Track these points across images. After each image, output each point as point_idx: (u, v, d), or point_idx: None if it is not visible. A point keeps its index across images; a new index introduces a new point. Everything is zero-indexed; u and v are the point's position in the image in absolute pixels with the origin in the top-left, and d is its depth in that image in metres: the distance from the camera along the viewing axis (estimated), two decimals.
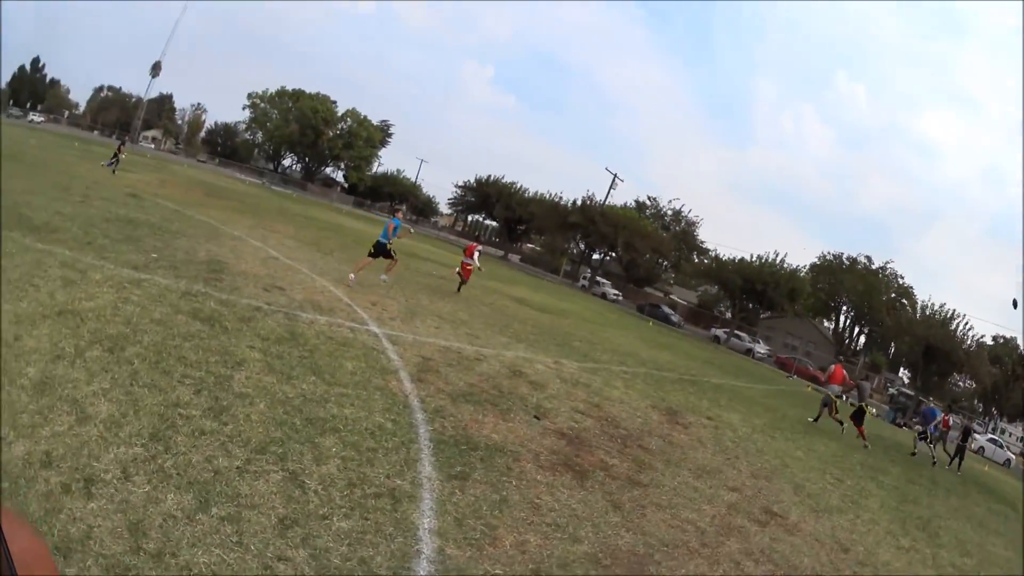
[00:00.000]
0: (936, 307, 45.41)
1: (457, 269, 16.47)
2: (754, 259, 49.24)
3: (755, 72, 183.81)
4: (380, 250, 12.36)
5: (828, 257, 62.35)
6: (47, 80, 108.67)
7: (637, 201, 72.08)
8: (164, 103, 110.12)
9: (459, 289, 15.98)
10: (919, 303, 49.23)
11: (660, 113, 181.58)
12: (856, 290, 57.18)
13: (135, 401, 4.05)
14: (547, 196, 69.54)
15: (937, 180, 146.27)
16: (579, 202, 60.47)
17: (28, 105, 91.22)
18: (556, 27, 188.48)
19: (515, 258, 76.04)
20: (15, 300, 5.31)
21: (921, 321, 44.54)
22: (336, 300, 9.41)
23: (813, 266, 60.47)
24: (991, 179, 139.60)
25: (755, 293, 48.36)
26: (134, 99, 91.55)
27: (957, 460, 16.73)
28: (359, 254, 17.42)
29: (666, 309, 49.92)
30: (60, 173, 18.16)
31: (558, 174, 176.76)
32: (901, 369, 57.72)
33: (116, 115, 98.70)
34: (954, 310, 43.71)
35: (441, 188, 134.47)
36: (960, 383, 50.06)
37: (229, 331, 6.07)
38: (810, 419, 14.48)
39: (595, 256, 62.19)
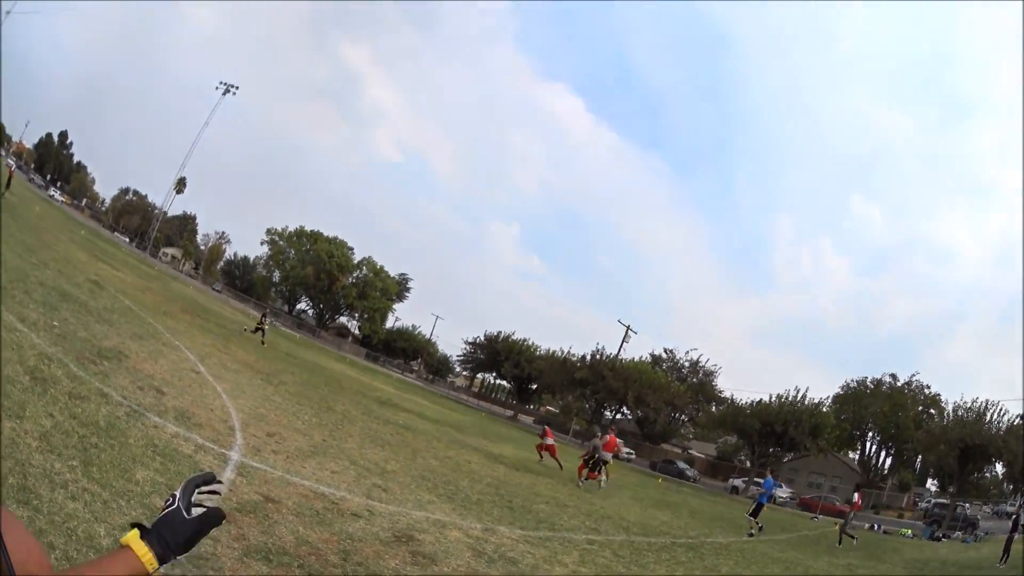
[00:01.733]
0: (968, 404, 47.22)
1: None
2: (772, 400, 51.41)
3: (774, 210, 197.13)
4: None
5: (851, 384, 64.40)
6: (73, 160, 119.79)
7: (652, 354, 75.22)
8: (187, 223, 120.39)
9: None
10: (950, 405, 51.54)
11: (680, 266, 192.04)
12: (882, 413, 58.81)
13: None
14: (557, 353, 72.17)
15: (955, 281, 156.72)
16: (587, 357, 62.99)
17: (49, 178, 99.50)
18: (581, 183, 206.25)
19: (527, 419, 75.73)
20: None
21: (954, 425, 46.16)
22: (220, 421, 9.19)
23: (836, 397, 62.82)
24: (1003, 264, 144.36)
25: (775, 435, 49.87)
26: (157, 210, 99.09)
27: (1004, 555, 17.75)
28: (322, 394, 18.46)
29: (681, 464, 52.24)
30: (39, 240, 20.04)
31: (576, 330, 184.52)
32: (928, 481, 62.05)
33: (138, 222, 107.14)
34: (987, 401, 45.30)
35: (457, 347, 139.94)
36: (988, 472, 50.85)
37: (47, 395, 6.31)
38: None
39: (606, 414, 64.19)
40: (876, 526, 32.76)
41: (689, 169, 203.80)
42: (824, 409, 53.04)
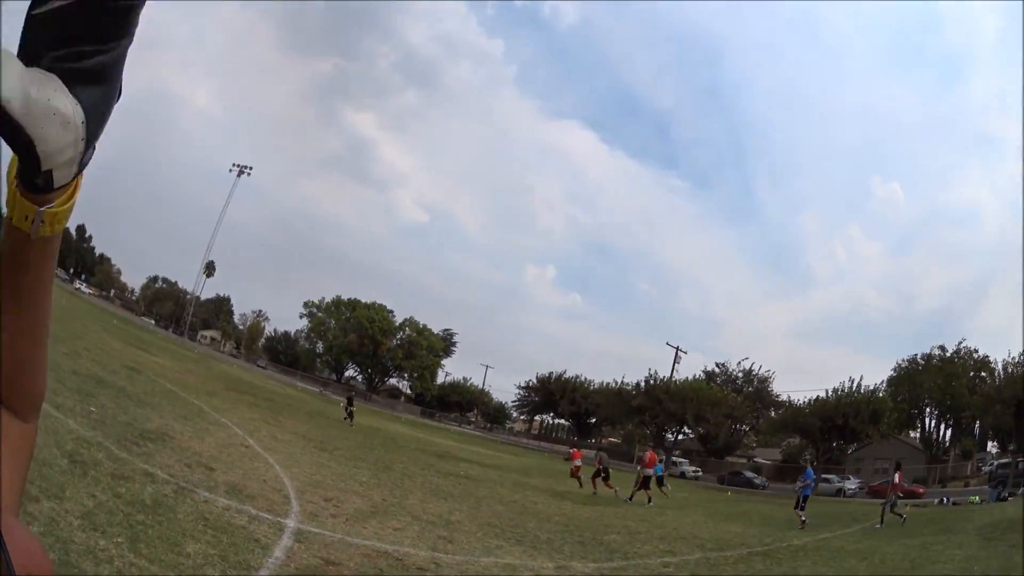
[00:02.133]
0: (1016, 359, 49.25)
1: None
2: (829, 395, 52.16)
3: (799, 208, 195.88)
4: None
5: (903, 365, 65.01)
6: (95, 253, 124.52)
7: (705, 371, 76.32)
8: (222, 305, 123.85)
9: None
10: (999, 364, 53.29)
11: (718, 279, 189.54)
12: (936, 386, 59.37)
13: None
14: (611, 384, 74.06)
15: (981, 243, 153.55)
16: (642, 384, 65.06)
17: (72, 271, 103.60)
18: (606, 216, 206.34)
19: (590, 453, 75.62)
20: None
21: (1007, 383, 47.55)
22: (274, 491, 9.12)
23: (890, 380, 63.38)
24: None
25: (836, 429, 50.43)
26: (189, 295, 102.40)
27: None
28: (379, 455, 18.68)
29: (748, 474, 53.26)
30: (67, 330, 20.41)
31: (627, 359, 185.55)
32: (988, 444, 61.52)
33: (171, 308, 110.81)
34: None
35: (511, 393, 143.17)
36: None
37: (87, 476, 6.33)
38: None
39: (668, 436, 65.39)
40: (944, 499, 32.51)
41: (708, 182, 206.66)
42: (880, 394, 53.68)
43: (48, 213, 0.75)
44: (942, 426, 64.02)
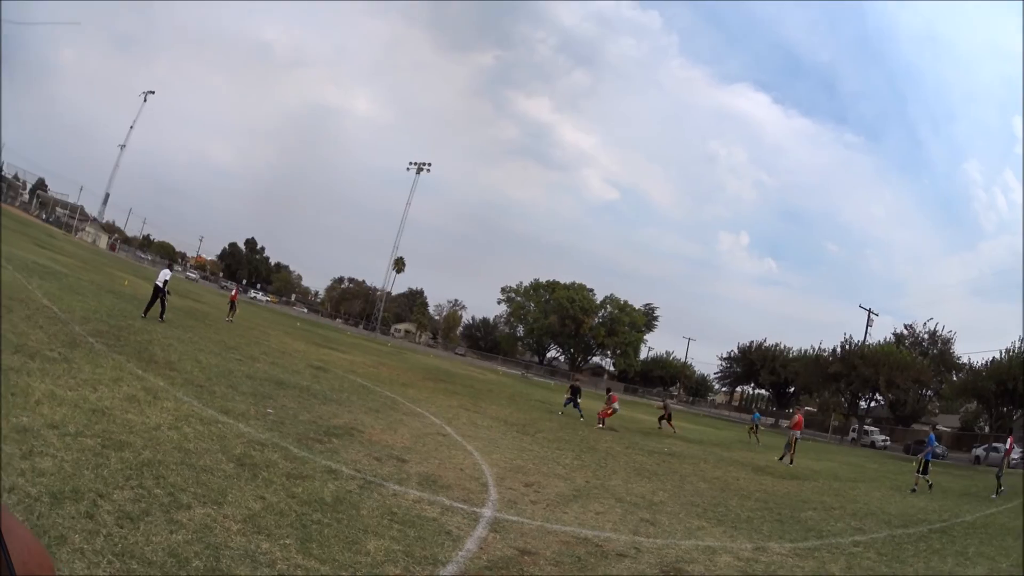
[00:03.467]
0: None
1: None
2: (1003, 356, 51.75)
3: (962, 157, 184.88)
4: None
5: None
6: (270, 263, 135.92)
7: (895, 334, 76.77)
8: (415, 298, 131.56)
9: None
10: None
11: (900, 236, 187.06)
12: None
13: (72, 472, 5.15)
14: (809, 351, 76.91)
15: None
16: (838, 349, 67.21)
17: (245, 281, 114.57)
18: (790, 177, 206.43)
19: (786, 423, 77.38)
20: (65, 387, 7.76)
21: None
22: (472, 479, 9.26)
23: None
24: None
25: (1008, 394, 49.94)
26: (379, 292, 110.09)
27: None
28: (583, 436, 19.21)
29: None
30: (240, 337, 22.42)
31: (823, 324, 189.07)
32: None
33: (360, 306, 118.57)
34: None
35: (712, 365, 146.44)
36: None
37: (256, 479, 6.56)
38: None
39: (861, 404, 68.29)
40: None
41: (878, 135, 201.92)
42: None
43: None
44: None
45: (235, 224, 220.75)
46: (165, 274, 21.22)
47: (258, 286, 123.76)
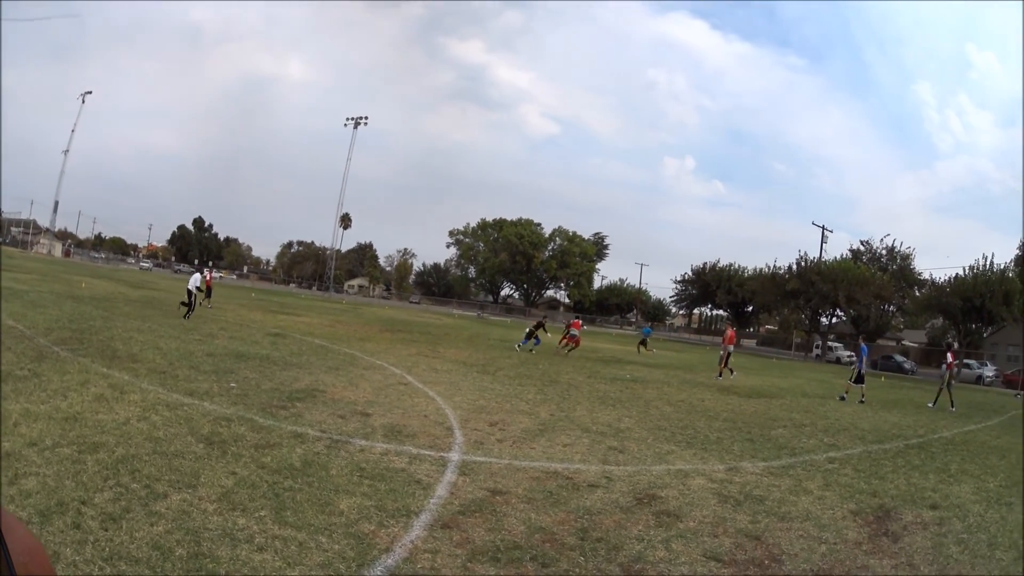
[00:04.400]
0: None
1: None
2: (967, 273, 52.84)
3: (911, 79, 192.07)
4: None
5: None
6: (220, 238, 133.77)
7: (852, 250, 77.92)
8: (365, 252, 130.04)
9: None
10: None
11: (851, 155, 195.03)
12: None
13: (55, 485, 5.08)
14: (764, 270, 76.53)
15: None
16: (794, 267, 67.52)
17: (197, 261, 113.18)
18: (733, 100, 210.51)
19: (751, 343, 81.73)
20: (37, 402, 7.57)
21: None
22: (436, 424, 9.30)
23: (1017, 259, 61.61)
24: None
25: (975, 310, 51.15)
26: (328, 251, 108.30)
27: None
28: (544, 369, 19.20)
29: (898, 358, 55.66)
30: (197, 317, 22.17)
31: (776, 243, 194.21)
32: None
33: (312, 268, 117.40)
34: None
35: (668, 289, 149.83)
36: None
37: (226, 455, 6.50)
38: None
39: (823, 320, 69.64)
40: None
41: (823, 57, 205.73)
42: (1009, 275, 53.26)
43: None
44: None
45: (182, 207, 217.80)
46: (196, 279, 23.73)
47: (210, 264, 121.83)
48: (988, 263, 51.84)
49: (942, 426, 16.37)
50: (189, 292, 23.08)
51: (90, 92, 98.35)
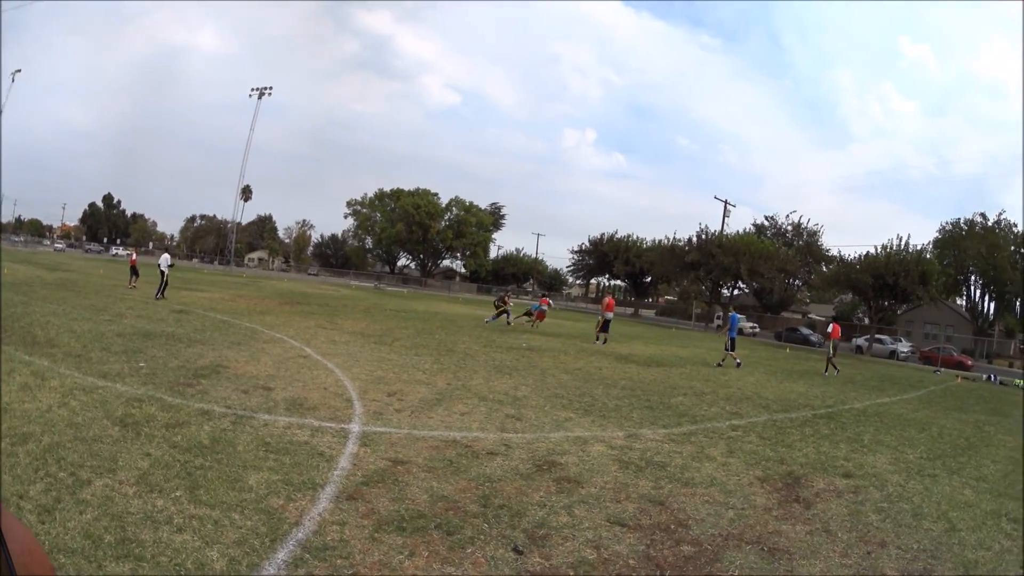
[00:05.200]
0: None
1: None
2: (879, 251, 51.79)
3: (831, 65, 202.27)
4: None
5: (947, 227, 65.85)
6: (127, 215, 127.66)
7: (755, 224, 77.71)
8: (264, 224, 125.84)
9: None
10: None
11: (759, 133, 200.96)
12: (980, 254, 60.40)
13: None
14: (664, 242, 74.49)
15: (1014, 117, 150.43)
16: (694, 239, 65.34)
17: (106, 239, 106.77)
18: (639, 76, 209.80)
19: (649, 313, 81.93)
20: None
21: None
22: (336, 397, 9.31)
23: (935, 241, 64.22)
24: None
25: (888, 288, 50.48)
26: (229, 224, 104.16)
27: None
28: (440, 339, 19.10)
29: (804, 330, 54.57)
30: (107, 297, 21.39)
31: (676, 216, 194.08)
32: None
33: (214, 241, 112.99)
34: None
35: (565, 259, 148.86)
36: None
37: (141, 436, 6.35)
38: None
39: (724, 292, 67.57)
40: (992, 377, 31.87)
41: (738, 38, 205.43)
42: (927, 255, 53.18)
43: None
44: (986, 297, 65.26)
45: (94, 184, 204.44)
46: (165, 259, 25.55)
47: (118, 242, 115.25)
48: (904, 244, 51.49)
49: (852, 398, 16.24)
50: (162, 272, 24.47)
51: (19, 71, 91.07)
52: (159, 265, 25.56)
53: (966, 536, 6.07)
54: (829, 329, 24.47)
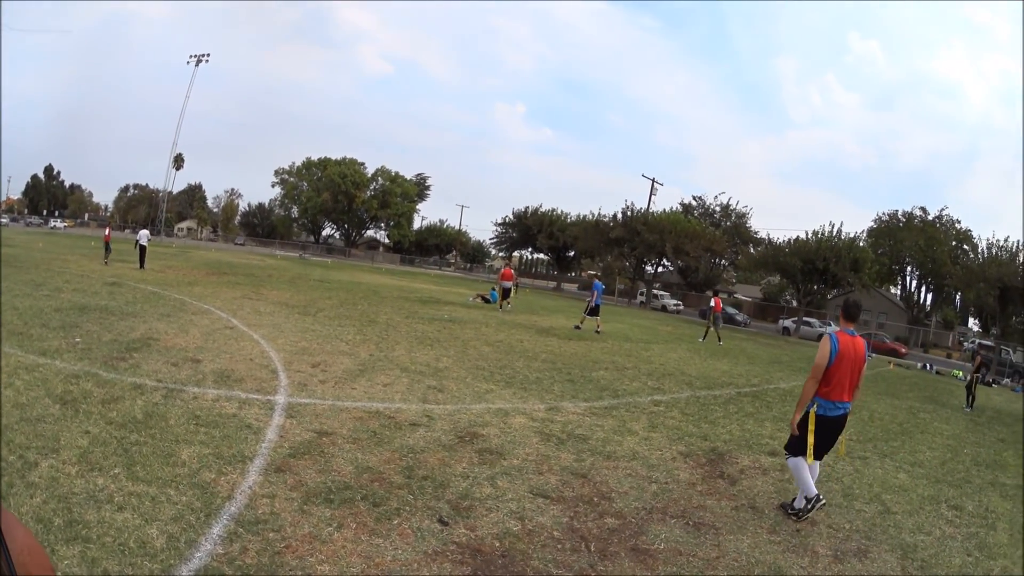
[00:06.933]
0: (1001, 242, 47.09)
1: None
2: (810, 237, 49.47)
3: (774, 53, 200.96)
4: None
5: (883, 218, 63.21)
6: (66, 186, 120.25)
7: (683, 203, 74.36)
8: (195, 193, 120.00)
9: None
10: (983, 242, 51.32)
11: (694, 115, 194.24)
12: (918, 246, 57.57)
13: None
14: (588, 217, 70.31)
15: (965, 118, 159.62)
16: (619, 215, 61.72)
17: (46, 212, 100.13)
18: (575, 52, 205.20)
19: (572, 287, 78.89)
20: None
21: (989, 262, 45.70)
22: (261, 368, 9.03)
23: (871, 231, 61.45)
24: (1011, 104, 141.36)
25: (817, 272, 48.13)
26: (161, 193, 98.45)
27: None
28: (362, 310, 18.53)
29: (730, 310, 50.37)
30: (46, 271, 19.92)
31: (602, 192, 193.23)
32: (970, 320, 62.27)
33: (146, 211, 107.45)
34: (1019, 241, 44.73)
35: (489, 231, 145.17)
36: None
37: (80, 414, 6.05)
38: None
39: (648, 269, 64.04)
40: (928, 366, 31.01)
41: (681, 22, 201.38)
42: (861, 244, 51.11)
43: None
44: (922, 289, 62.34)
45: (39, 154, 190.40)
46: (144, 234, 27.07)
47: (56, 214, 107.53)
48: (836, 231, 49.09)
49: (778, 378, 15.63)
50: (142, 248, 25.84)
51: None
52: (138, 240, 27.14)
53: (902, 519, 5.96)
54: (711, 304, 24.69)
